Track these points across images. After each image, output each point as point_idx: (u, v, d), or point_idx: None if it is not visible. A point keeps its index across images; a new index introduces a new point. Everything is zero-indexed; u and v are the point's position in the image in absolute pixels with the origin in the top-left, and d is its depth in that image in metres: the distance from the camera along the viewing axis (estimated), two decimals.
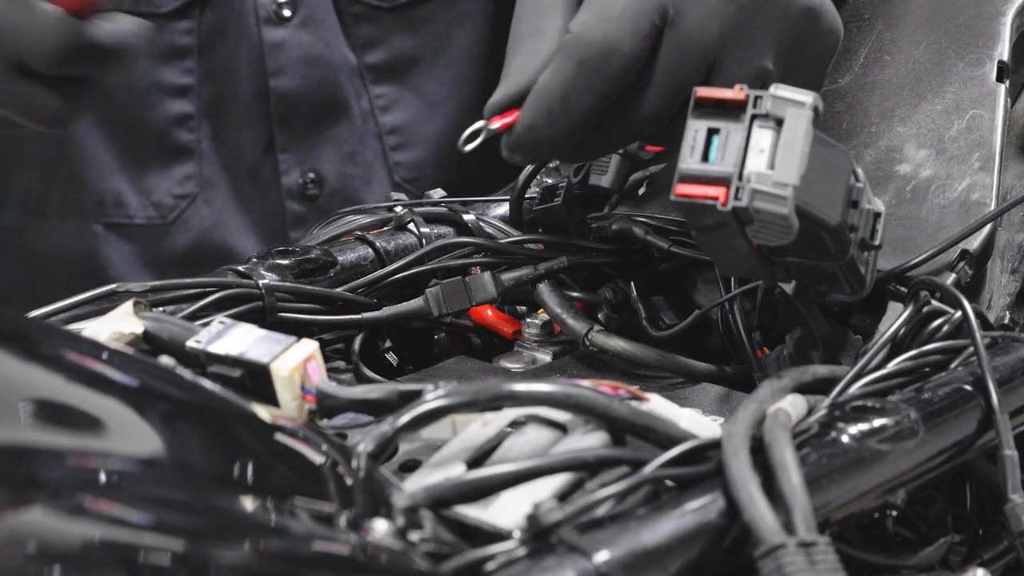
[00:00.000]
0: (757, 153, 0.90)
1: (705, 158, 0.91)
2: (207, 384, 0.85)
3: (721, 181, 0.90)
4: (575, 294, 1.16)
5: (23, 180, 1.58)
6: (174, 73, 1.57)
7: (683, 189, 0.91)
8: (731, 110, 0.91)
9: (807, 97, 0.90)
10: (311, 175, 1.61)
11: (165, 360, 0.87)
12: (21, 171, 1.58)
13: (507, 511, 0.77)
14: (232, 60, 1.58)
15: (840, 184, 0.93)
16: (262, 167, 1.61)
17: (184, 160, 1.58)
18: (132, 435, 0.75)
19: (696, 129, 0.91)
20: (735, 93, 0.91)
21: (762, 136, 0.90)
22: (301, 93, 1.59)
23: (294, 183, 1.61)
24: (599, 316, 1.17)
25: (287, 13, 1.57)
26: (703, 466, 0.80)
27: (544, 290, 1.15)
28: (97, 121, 1.56)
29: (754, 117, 0.90)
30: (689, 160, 0.91)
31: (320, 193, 1.62)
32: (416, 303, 1.12)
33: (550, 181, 1.21)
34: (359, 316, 1.11)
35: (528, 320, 1.18)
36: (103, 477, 0.69)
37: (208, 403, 0.83)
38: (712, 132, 0.91)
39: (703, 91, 0.92)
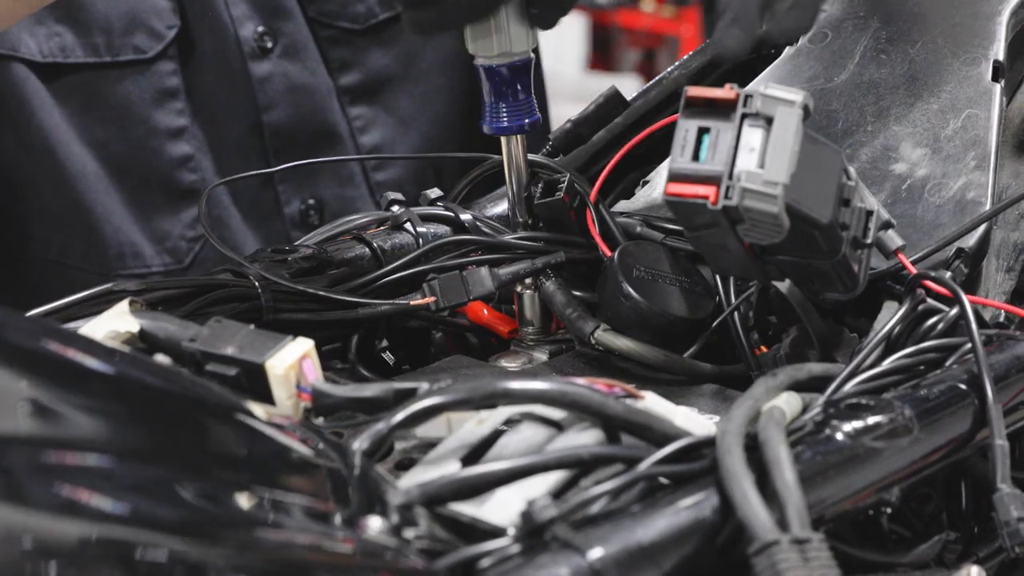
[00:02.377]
0: (747, 152, 0.90)
1: (696, 157, 0.91)
2: (203, 382, 0.85)
3: (711, 180, 0.90)
4: (578, 293, 1.17)
5: (41, 230, 1.58)
6: (167, 115, 1.56)
7: (674, 188, 0.91)
8: (721, 109, 0.91)
9: (797, 96, 0.90)
10: (311, 201, 1.62)
11: (161, 358, 0.88)
12: (39, 221, 1.57)
13: (502, 508, 0.77)
14: (221, 97, 1.58)
15: (831, 182, 0.94)
16: (262, 200, 1.61)
17: (191, 202, 1.58)
18: (128, 432, 0.75)
19: (687, 128, 0.92)
20: (725, 92, 0.91)
21: (752, 135, 0.90)
22: (294, 124, 1.59)
23: (295, 212, 1.62)
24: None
25: (269, 44, 1.56)
26: (697, 463, 0.80)
27: (550, 288, 1.15)
28: (105, 173, 1.55)
29: (744, 116, 0.91)
30: (680, 159, 0.91)
31: (321, 219, 1.62)
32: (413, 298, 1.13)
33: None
34: (355, 310, 1.11)
35: None
36: (97, 473, 0.69)
37: (204, 401, 0.83)
38: (702, 131, 0.91)
39: (693, 90, 0.92)
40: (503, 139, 1.15)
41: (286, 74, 1.58)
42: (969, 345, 0.94)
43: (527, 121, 1.14)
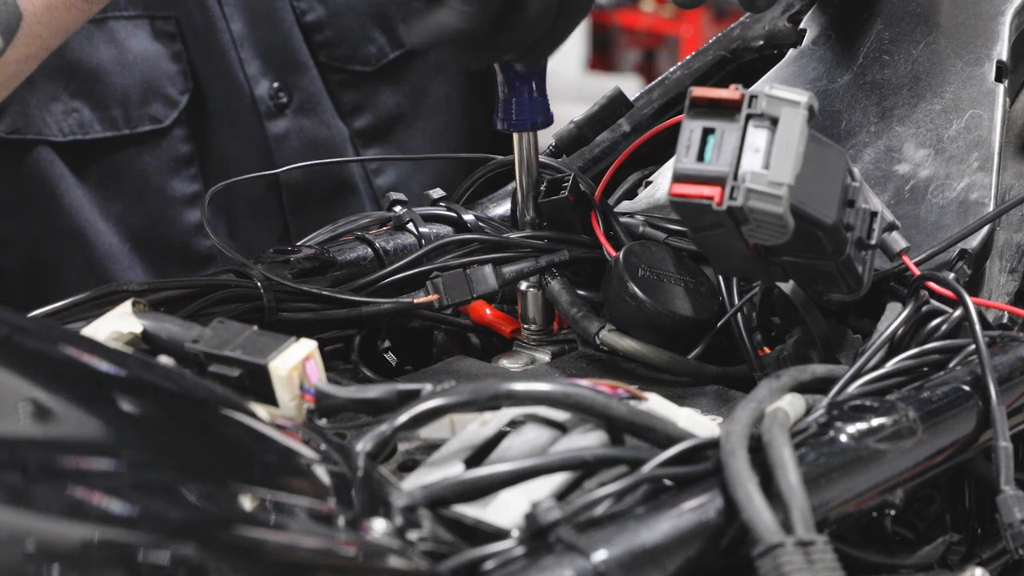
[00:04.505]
0: (752, 152, 0.90)
1: (701, 158, 0.91)
2: (206, 383, 0.85)
3: (716, 181, 0.90)
4: (582, 292, 1.17)
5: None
6: (182, 182, 1.53)
7: (679, 189, 0.91)
8: (726, 110, 0.91)
9: (802, 96, 0.90)
10: None
11: (164, 359, 0.87)
12: (58, 292, 1.56)
13: (505, 510, 0.77)
14: (234, 158, 1.55)
15: (836, 183, 0.94)
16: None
17: (208, 266, 1.55)
18: (131, 433, 0.75)
19: (691, 129, 0.92)
20: (730, 93, 0.91)
21: (757, 135, 0.90)
22: (311, 181, 1.57)
23: None
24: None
25: (284, 99, 1.54)
26: (701, 465, 0.80)
27: (555, 287, 1.15)
28: (125, 248, 1.53)
29: (749, 116, 0.91)
30: (685, 160, 0.91)
31: None
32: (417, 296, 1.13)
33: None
34: (358, 308, 1.11)
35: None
36: (99, 475, 0.69)
37: (207, 403, 0.83)
38: (707, 132, 0.91)
39: (698, 91, 0.92)
40: (515, 136, 1.15)
41: (302, 130, 1.55)
42: (973, 347, 0.94)
43: (540, 119, 1.14)
